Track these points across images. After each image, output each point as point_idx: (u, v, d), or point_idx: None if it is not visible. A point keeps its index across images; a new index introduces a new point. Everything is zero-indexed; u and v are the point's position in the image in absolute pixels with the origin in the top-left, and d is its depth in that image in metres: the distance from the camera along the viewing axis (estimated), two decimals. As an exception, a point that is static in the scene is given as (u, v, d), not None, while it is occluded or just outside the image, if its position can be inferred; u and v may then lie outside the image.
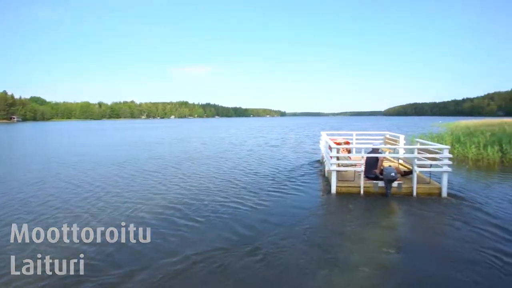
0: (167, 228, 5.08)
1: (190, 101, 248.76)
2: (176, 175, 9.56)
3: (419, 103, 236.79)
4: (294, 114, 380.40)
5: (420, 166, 7.06)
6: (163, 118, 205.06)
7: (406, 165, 8.47)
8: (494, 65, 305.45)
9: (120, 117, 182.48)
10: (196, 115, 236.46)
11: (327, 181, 7.93)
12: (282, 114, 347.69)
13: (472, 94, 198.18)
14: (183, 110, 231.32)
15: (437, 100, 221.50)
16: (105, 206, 6.29)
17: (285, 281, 3.46)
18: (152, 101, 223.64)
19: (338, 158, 7.32)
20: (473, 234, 4.62)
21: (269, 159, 12.96)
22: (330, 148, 7.42)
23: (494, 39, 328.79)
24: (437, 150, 6.99)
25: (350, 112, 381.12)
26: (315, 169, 10.31)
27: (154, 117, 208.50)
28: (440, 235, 4.81)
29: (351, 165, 7.73)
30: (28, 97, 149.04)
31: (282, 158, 13.23)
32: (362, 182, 6.91)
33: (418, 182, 6.83)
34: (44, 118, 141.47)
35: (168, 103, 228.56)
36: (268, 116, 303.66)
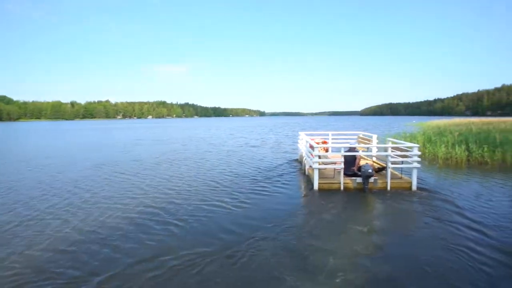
0: (144, 233, 4.95)
1: (168, 101, 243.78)
2: (155, 178, 9.34)
3: (394, 103, 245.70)
4: (273, 114, 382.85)
5: (392, 163, 7.62)
6: (140, 118, 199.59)
7: (379, 162, 8.94)
8: (462, 67, 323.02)
9: (95, 117, 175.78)
10: (174, 115, 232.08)
11: (308, 179, 8.43)
12: (262, 114, 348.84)
13: (443, 95, 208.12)
14: (161, 110, 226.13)
15: (411, 101, 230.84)
16: (77, 212, 6.03)
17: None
18: (129, 101, 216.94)
19: (319, 157, 7.70)
20: (440, 222, 5.29)
21: (250, 159, 12.96)
22: (312, 148, 7.82)
23: (464, 43, 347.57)
24: (407, 149, 7.70)
25: (328, 112, 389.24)
26: (294, 168, 10.62)
27: (130, 117, 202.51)
28: (411, 223, 5.44)
29: (331, 163, 8.17)
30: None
31: (262, 158, 13.29)
32: (342, 179, 7.42)
33: (391, 178, 7.49)
34: (10, 118, 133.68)
35: (145, 103, 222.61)
36: (247, 116, 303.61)
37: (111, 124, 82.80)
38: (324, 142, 10.01)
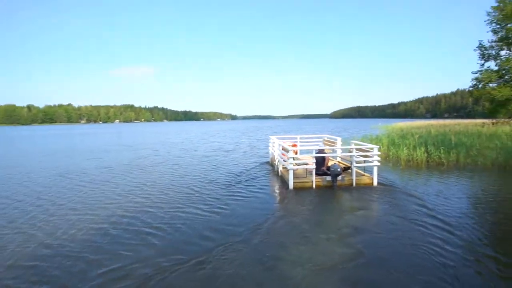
0: (117, 243, 4.82)
1: (137, 105, 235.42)
2: (126, 186, 9.06)
3: (362, 106, 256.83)
4: (245, 117, 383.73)
5: (357, 162, 8.65)
6: (106, 122, 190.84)
7: (343, 162, 9.82)
8: (423, 72, 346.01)
9: (55, 122, 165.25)
10: (143, 119, 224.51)
11: (282, 179, 9.20)
12: (233, 117, 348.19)
13: (406, 99, 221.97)
14: (129, 114, 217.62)
15: (377, 104, 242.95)
16: (44, 226, 5.70)
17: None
18: (93, 104, 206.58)
19: (294, 159, 8.38)
20: (395, 209, 6.44)
21: (224, 164, 12.98)
22: (287, 151, 8.53)
23: (424, 49, 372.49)
24: (368, 149, 8.74)
25: (299, 115, 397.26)
26: (267, 170, 11.16)
27: (95, 121, 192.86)
28: (374, 213, 6.53)
29: (304, 164, 8.88)
30: None
31: (236, 163, 13.35)
32: (314, 178, 8.26)
33: (356, 175, 8.52)
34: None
35: (112, 107, 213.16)
36: (219, 119, 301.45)
37: (74, 129, 78.44)
38: (294, 145, 10.54)
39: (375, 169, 8.39)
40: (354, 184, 8.35)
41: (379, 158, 8.44)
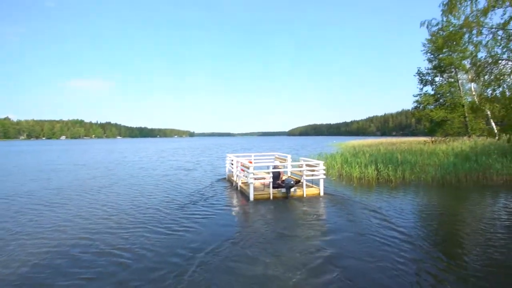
0: (76, 267, 4.54)
1: (87, 120, 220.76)
2: (82, 207, 8.40)
3: (318, 124, 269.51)
4: (203, 134, 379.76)
5: (306, 176, 9.87)
6: (50, 138, 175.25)
7: (294, 176, 10.91)
8: (372, 94, 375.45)
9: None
10: (93, 135, 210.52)
11: (242, 193, 10.18)
12: (191, 134, 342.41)
13: (358, 118, 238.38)
14: (78, 130, 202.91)
15: (332, 122, 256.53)
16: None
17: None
18: (36, 119, 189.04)
19: (253, 174, 9.41)
20: (341, 211, 7.92)
21: (185, 182, 12.80)
22: (247, 167, 9.52)
23: (374, 72, 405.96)
24: (315, 165, 9.98)
25: (258, 132, 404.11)
26: (226, 186, 11.87)
27: (37, 137, 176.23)
28: (321, 215, 7.76)
29: (262, 178, 10.15)
30: None
31: (197, 181, 13.28)
32: (271, 190, 9.39)
33: (306, 187, 9.82)
34: None
35: (58, 121, 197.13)
36: (176, 136, 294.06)
37: (11, 145, 70.49)
38: (250, 162, 11.29)
39: (321, 181, 9.79)
40: (304, 195, 9.64)
41: (324, 172, 9.83)
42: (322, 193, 9.72)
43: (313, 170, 9.94)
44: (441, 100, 25.57)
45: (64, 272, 4.42)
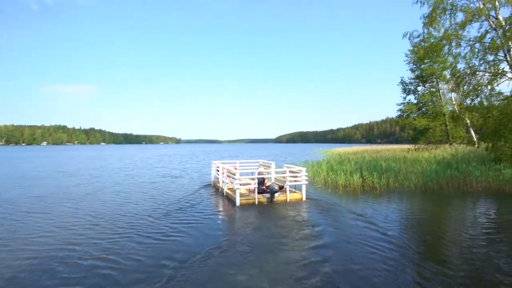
0: (59, 278, 4.37)
1: (70, 125, 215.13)
2: (66, 216, 8.16)
3: (304, 132, 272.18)
4: (189, 141, 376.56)
5: (289, 181, 10.25)
6: (31, 144, 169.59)
7: (277, 182, 11.22)
8: (357, 101, 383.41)
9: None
10: (76, 141, 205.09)
11: (228, 199, 10.47)
12: (177, 141, 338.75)
13: (344, 125, 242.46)
14: (60, 135, 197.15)
15: (319, 129, 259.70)
16: None
17: None
18: (16, 124, 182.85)
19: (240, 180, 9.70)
20: (322, 213, 8.47)
21: (173, 190, 12.70)
22: (234, 174, 9.85)
23: (359, 81, 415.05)
24: (298, 171, 10.40)
25: (245, 139, 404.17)
26: (212, 192, 12.06)
27: (17, 143, 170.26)
28: (303, 218, 8.09)
29: (248, 184, 10.39)
30: None
31: (185, 188, 13.18)
32: (256, 195, 9.72)
33: (289, 192, 10.22)
34: None
35: (39, 127, 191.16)
36: (162, 143, 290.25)
37: (-11, 152, 67.67)
38: (235, 169, 11.73)
39: (304, 187, 10.21)
40: (288, 200, 10.03)
41: (306, 178, 10.29)
42: (304, 198, 10.16)
43: (295, 176, 10.33)
44: (423, 109, 26.33)
45: (48, 279, 4.33)
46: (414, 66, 26.67)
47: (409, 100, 27.37)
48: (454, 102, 24.67)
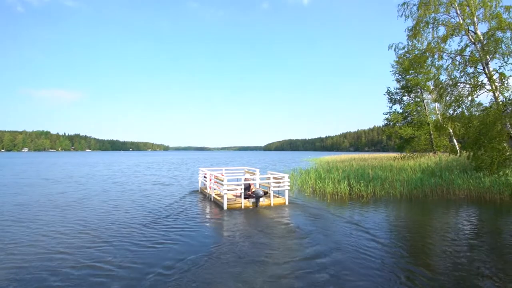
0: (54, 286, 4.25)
1: (54, 131, 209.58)
2: (48, 226, 7.85)
3: (293, 139, 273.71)
4: (178, 148, 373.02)
5: (273, 187, 10.90)
6: (10, 151, 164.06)
7: (262, 188, 12.00)
8: (346, 111, 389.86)
9: None
10: (60, 147, 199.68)
11: (216, 204, 10.96)
12: (165, 148, 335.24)
13: (332, 133, 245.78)
14: (43, 141, 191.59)
15: (308, 137, 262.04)
16: None
17: None
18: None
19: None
20: (303, 215, 9.25)
21: (163, 197, 12.54)
22: (222, 180, 10.39)
23: (346, 90, 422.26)
24: (281, 177, 11.04)
25: (234, 147, 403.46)
26: (200, 198, 12.40)
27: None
28: (286, 220, 8.68)
29: (234, 189, 11.11)
30: None
31: (175, 195, 13.10)
32: (242, 200, 10.38)
33: (273, 197, 10.95)
34: None
35: (20, 132, 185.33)
36: (149, 150, 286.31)
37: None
38: (222, 175, 12.29)
39: (286, 192, 10.96)
40: (272, 204, 10.71)
41: (288, 184, 11.00)
42: (287, 202, 10.94)
43: (279, 182, 11.10)
44: (408, 118, 27.06)
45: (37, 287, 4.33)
46: (400, 76, 27.50)
47: (395, 109, 28.13)
48: (437, 112, 25.49)
